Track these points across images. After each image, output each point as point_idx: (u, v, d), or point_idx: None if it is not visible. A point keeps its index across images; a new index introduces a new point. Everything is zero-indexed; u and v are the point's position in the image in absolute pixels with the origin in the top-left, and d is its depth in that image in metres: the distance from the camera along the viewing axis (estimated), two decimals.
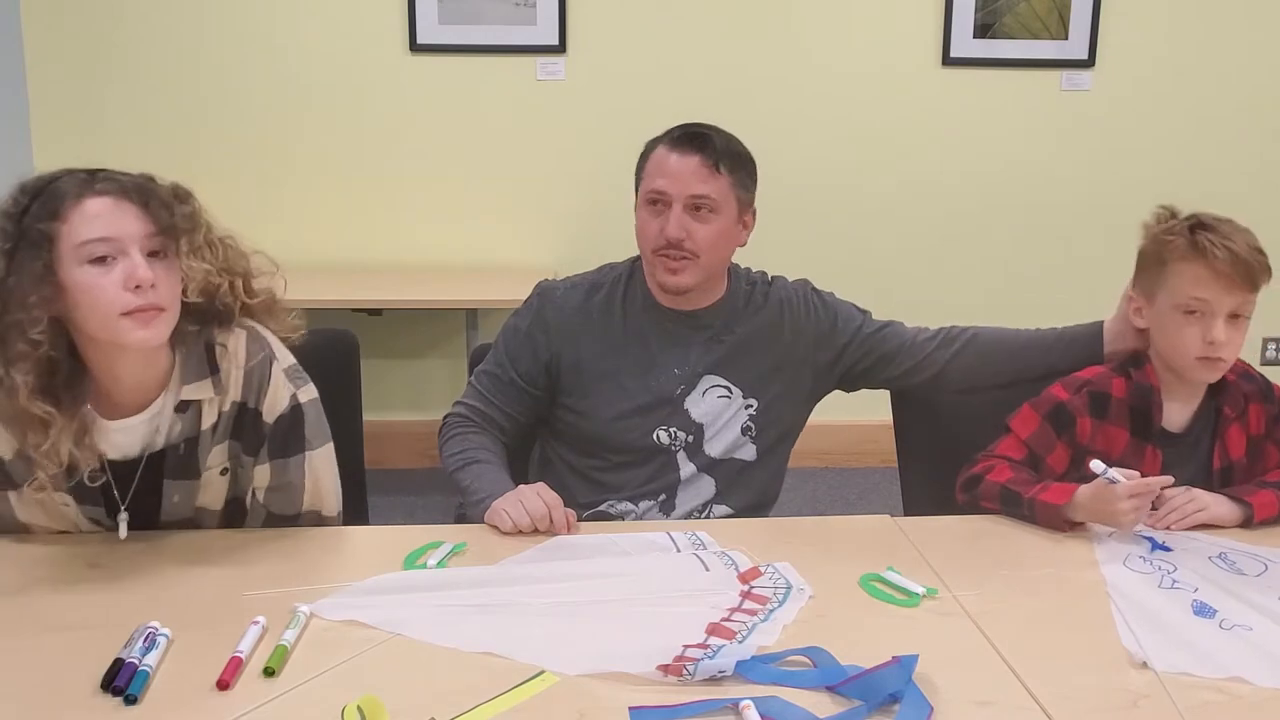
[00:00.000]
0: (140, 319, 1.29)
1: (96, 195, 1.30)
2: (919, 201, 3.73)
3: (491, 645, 1.22)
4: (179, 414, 1.40)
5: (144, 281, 1.27)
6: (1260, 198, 3.71)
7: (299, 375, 1.48)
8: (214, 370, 1.39)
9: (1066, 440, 1.67)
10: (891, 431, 1.94)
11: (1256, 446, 1.70)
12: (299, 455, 1.49)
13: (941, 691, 1.13)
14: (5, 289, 1.26)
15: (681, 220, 1.69)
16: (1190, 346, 1.60)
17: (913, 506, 1.89)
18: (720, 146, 1.72)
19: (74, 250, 1.27)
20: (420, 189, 3.63)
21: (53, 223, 1.27)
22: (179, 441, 1.42)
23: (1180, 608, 1.34)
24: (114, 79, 3.53)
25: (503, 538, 1.53)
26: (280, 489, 1.51)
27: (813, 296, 1.86)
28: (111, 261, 1.28)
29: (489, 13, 3.52)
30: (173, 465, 1.45)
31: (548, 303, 1.80)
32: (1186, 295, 1.60)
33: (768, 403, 1.79)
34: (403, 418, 3.67)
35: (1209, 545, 1.53)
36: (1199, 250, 1.59)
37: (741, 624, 1.28)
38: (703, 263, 1.71)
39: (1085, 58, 3.63)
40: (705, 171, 1.70)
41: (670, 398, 1.77)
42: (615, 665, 1.16)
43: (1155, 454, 1.66)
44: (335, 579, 1.37)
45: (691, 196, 1.69)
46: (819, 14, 3.60)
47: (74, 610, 1.31)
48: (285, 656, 1.18)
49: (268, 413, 1.45)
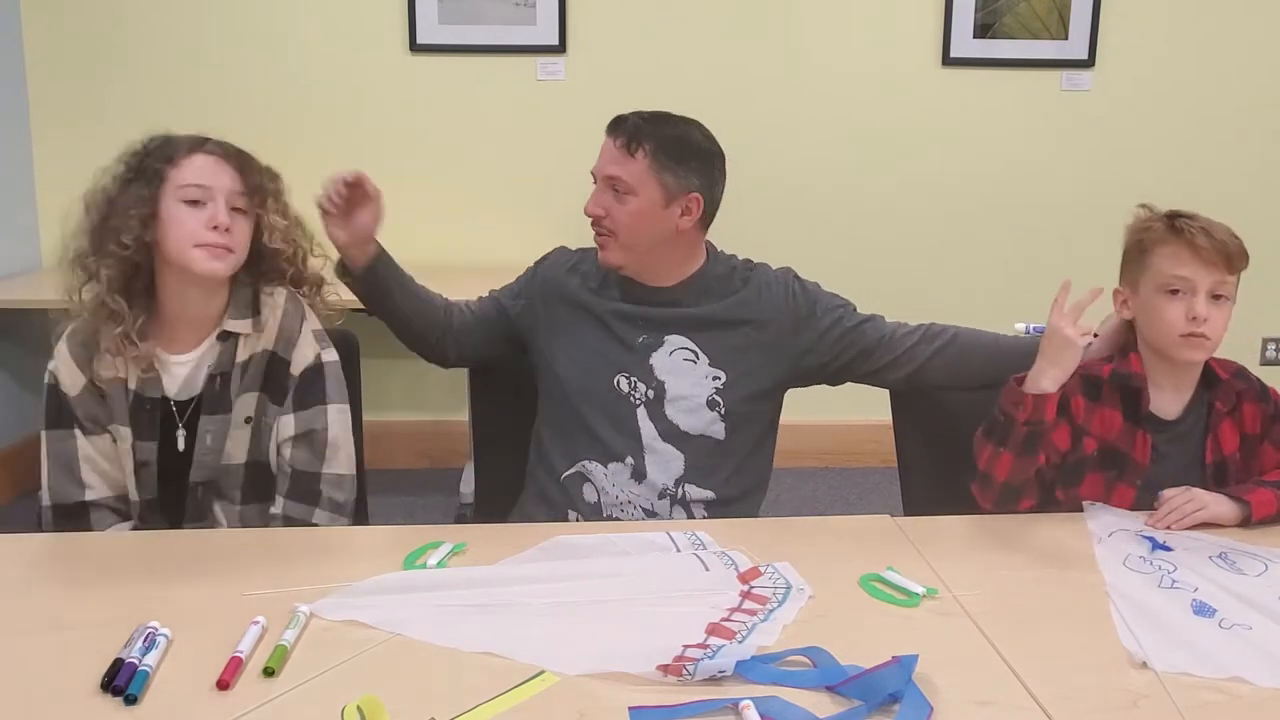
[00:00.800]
0: (211, 252, 1.56)
1: (205, 152, 1.59)
2: (919, 201, 3.73)
3: (491, 645, 1.21)
4: (220, 342, 1.62)
5: (221, 225, 1.56)
6: (1260, 198, 3.72)
7: (324, 339, 1.70)
8: (256, 313, 1.64)
9: (1066, 419, 1.68)
10: (891, 431, 1.94)
11: (1251, 446, 1.71)
12: (320, 406, 1.66)
13: (941, 691, 1.13)
14: (113, 203, 1.56)
15: (599, 198, 1.78)
16: (1174, 324, 1.63)
17: (913, 506, 1.89)
18: (643, 130, 1.76)
19: (176, 190, 1.56)
20: (420, 189, 3.63)
21: (165, 165, 1.57)
22: (215, 374, 1.62)
23: (1180, 607, 1.34)
24: (114, 79, 3.53)
25: (502, 538, 1.53)
26: (304, 438, 1.65)
27: (794, 284, 1.88)
28: (201, 206, 1.56)
29: (489, 13, 3.53)
30: (209, 400, 1.63)
31: (547, 257, 1.96)
32: (1168, 274, 1.64)
33: (735, 378, 1.80)
34: (403, 418, 3.67)
35: (1210, 545, 1.53)
36: (1177, 231, 1.64)
37: (741, 624, 1.27)
38: (622, 240, 1.78)
39: (1085, 58, 3.63)
40: (619, 154, 1.76)
41: (633, 346, 1.81)
42: (615, 665, 1.16)
43: (1146, 438, 1.68)
44: (335, 579, 1.37)
45: (606, 177, 1.77)
46: (819, 14, 3.61)
47: (74, 610, 1.31)
48: (285, 656, 1.18)
49: (295, 365, 1.65)
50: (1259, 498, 1.60)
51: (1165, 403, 1.70)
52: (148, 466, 1.64)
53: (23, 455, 3.55)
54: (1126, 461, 1.67)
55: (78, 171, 1.50)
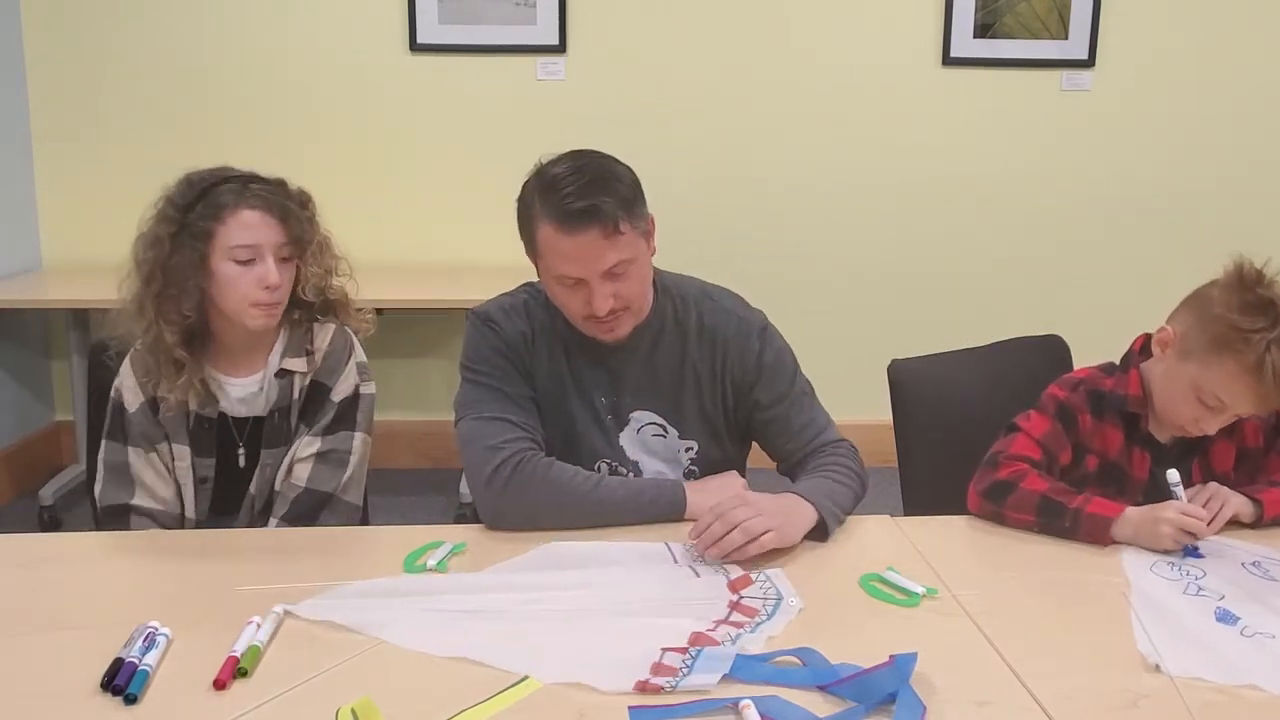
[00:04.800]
0: (265, 310, 1.63)
1: (249, 207, 1.61)
2: (919, 201, 3.73)
3: (468, 651, 1.20)
4: (278, 379, 1.69)
5: (274, 285, 1.61)
6: (1260, 198, 3.72)
7: (366, 372, 1.76)
8: (309, 352, 1.71)
9: (1073, 439, 1.67)
10: (891, 431, 1.94)
11: (1254, 460, 1.70)
12: (349, 432, 1.72)
13: (941, 691, 1.13)
14: (169, 265, 1.60)
15: (605, 290, 1.56)
16: (1184, 420, 1.61)
17: (913, 506, 1.88)
18: (610, 206, 1.53)
19: (226, 250, 1.60)
20: (420, 189, 3.63)
21: (213, 223, 1.60)
22: (274, 409, 1.69)
23: (1202, 614, 1.33)
24: (114, 79, 3.53)
25: (502, 538, 1.53)
26: (329, 454, 1.70)
27: (755, 340, 1.70)
28: (251, 264, 1.60)
29: (489, 13, 3.53)
30: (269, 434, 1.70)
31: (498, 330, 1.69)
32: (1215, 393, 1.55)
33: (706, 443, 1.73)
34: (403, 418, 3.67)
35: (1243, 552, 1.51)
36: (1260, 372, 1.49)
37: (726, 636, 1.24)
38: (634, 309, 1.63)
39: (1085, 58, 3.63)
40: (609, 241, 1.53)
41: (605, 427, 1.70)
42: (589, 678, 1.14)
43: (1144, 457, 1.67)
44: (335, 579, 1.37)
45: (606, 271, 1.55)
46: (819, 14, 3.60)
47: (74, 610, 1.31)
48: (258, 657, 1.18)
49: (336, 393, 1.71)
50: (1271, 497, 1.60)
51: (1161, 425, 1.68)
52: (207, 483, 1.70)
53: (23, 455, 3.55)
54: (1126, 478, 1.67)
55: (77, 172, 1.50)
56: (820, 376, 1.81)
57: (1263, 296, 1.51)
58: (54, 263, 3.59)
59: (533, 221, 1.59)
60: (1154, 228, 3.71)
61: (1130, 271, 3.71)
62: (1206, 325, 1.54)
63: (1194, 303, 1.60)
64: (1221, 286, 1.56)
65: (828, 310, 3.70)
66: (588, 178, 1.55)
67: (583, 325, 1.64)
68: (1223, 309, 1.53)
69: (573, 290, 1.59)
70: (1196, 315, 1.58)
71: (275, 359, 1.68)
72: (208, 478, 1.70)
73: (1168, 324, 1.63)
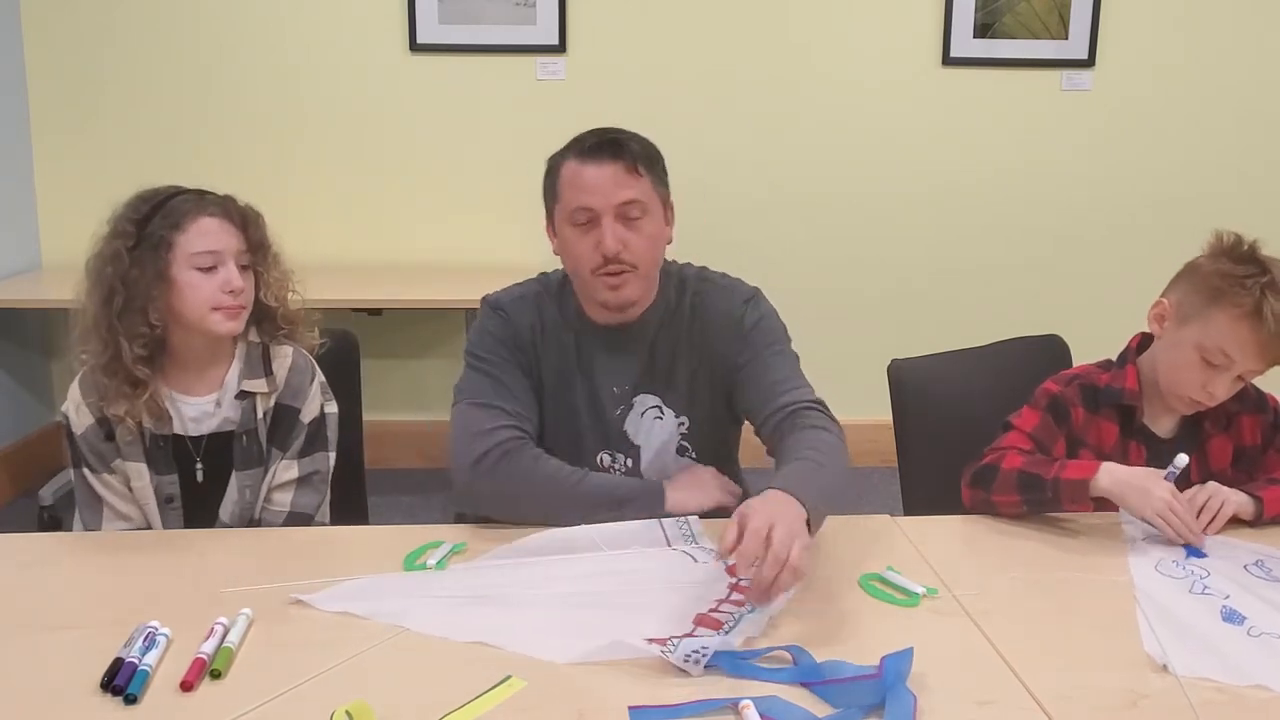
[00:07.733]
0: (228, 314, 1.61)
1: (209, 215, 1.61)
2: (919, 201, 3.73)
3: (481, 635, 1.23)
4: (239, 400, 1.67)
5: (237, 289, 1.61)
6: (1260, 198, 3.72)
7: (328, 392, 1.77)
8: (268, 371, 1.69)
9: (1065, 431, 1.68)
10: (891, 431, 1.94)
11: (1252, 457, 1.70)
12: (323, 453, 1.74)
13: (941, 691, 1.13)
14: (130, 278, 1.57)
15: (615, 231, 1.60)
16: (1190, 388, 1.61)
17: (913, 506, 1.88)
18: (635, 148, 1.63)
19: (188, 257, 1.59)
20: (420, 189, 3.63)
21: (173, 232, 1.59)
22: (241, 432, 1.67)
23: (1209, 613, 1.33)
24: (114, 80, 3.53)
25: (502, 538, 1.53)
26: (308, 478, 1.71)
27: (739, 307, 1.71)
28: (213, 271, 1.60)
29: (489, 12, 3.53)
30: (241, 456, 1.68)
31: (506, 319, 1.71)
32: (1218, 347, 1.56)
33: (698, 420, 1.74)
34: (403, 418, 3.67)
35: (1246, 552, 1.52)
36: (1259, 317, 1.53)
37: (729, 615, 1.28)
38: (642, 271, 1.64)
39: (1085, 58, 3.63)
40: (627, 176, 1.61)
41: (609, 418, 1.72)
42: (603, 655, 1.18)
43: (1139, 451, 1.68)
44: (335, 578, 1.37)
45: (620, 205, 1.60)
46: (819, 14, 3.61)
47: (74, 610, 1.31)
48: (231, 659, 1.18)
49: (305, 414, 1.71)
50: (1271, 494, 1.60)
51: (1158, 418, 1.69)
52: (174, 503, 1.67)
53: (23, 455, 3.55)
54: None
55: (77, 172, 1.50)
56: (820, 376, 1.80)
57: (1246, 252, 1.59)
58: (54, 263, 3.59)
59: (556, 170, 1.66)
60: (1154, 227, 3.70)
61: (1130, 271, 3.70)
62: (1200, 285, 1.60)
63: (1184, 273, 1.66)
64: (1207, 254, 1.63)
65: (828, 310, 3.69)
66: (614, 131, 1.66)
67: (591, 284, 1.65)
68: (1213, 266, 1.59)
69: (585, 233, 1.62)
70: (1189, 280, 1.63)
71: (233, 378, 1.66)
72: (173, 496, 1.67)
73: (1162, 298, 1.67)
